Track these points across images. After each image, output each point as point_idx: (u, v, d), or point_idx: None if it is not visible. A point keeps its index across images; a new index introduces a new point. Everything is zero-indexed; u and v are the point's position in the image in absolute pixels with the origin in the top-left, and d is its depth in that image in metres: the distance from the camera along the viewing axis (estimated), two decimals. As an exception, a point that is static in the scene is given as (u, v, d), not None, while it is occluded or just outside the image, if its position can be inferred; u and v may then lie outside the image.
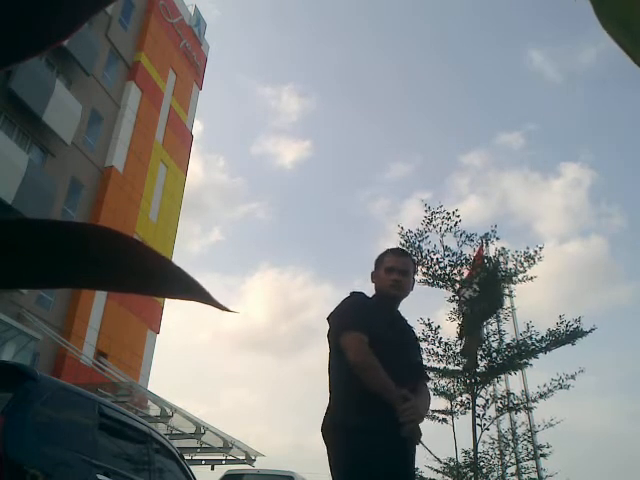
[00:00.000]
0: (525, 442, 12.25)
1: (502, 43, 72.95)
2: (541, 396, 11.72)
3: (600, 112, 65.49)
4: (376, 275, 2.59)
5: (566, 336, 11.06)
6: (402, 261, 2.58)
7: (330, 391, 2.35)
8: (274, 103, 65.43)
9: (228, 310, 0.36)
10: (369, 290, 2.59)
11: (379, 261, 2.61)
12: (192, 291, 0.35)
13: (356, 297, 2.50)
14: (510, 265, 11.74)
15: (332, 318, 2.44)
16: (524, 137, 62.94)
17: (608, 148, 64.28)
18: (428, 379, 2.75)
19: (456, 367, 11.49)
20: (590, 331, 11.12)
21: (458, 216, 11.43)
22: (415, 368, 2.48)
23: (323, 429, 2.29)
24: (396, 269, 2.51)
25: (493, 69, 69.21)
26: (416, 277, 2.74)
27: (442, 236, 11.56)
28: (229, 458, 16.71)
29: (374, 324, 2.32)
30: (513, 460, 12.28)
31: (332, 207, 69.28)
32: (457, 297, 11.70)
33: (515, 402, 11.84)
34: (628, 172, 61.90)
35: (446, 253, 11.57)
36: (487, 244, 11.95)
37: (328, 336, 2.42)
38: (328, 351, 2.41)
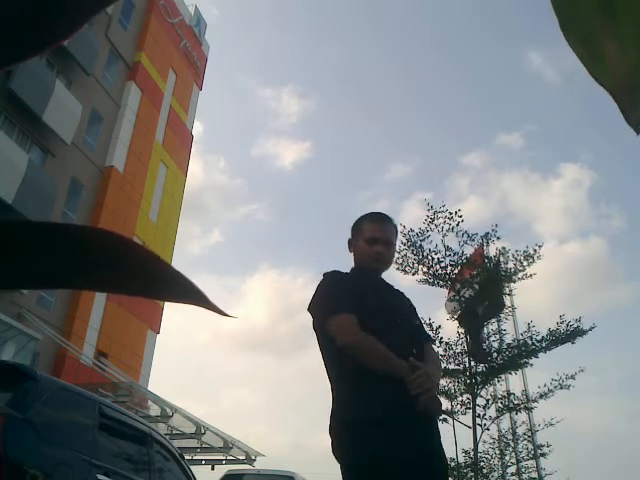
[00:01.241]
0: (525, 442, 12.27)
1: (502, 44, 73.05)
2: (541, 396, 11.73)
3: (599, 113, 65.48)
4: (355, 245, 2.27)
5: (566, 335, 11.08)
6: (384, 229, 2.25)
7: (331, 387, 2.07)
8: (274, 104, 65.51)
9: (226, 315, 0.36)
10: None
11: (357, 229, 2.28)
12: (191, 295, 0.35)
13: (331, 277, 2.22)
14: (510, 265, 11.76)
15: (313, 307, 2.17)
16: (524, 138, 63.02)
17: (608, 149, 64.33)
18: (432, 340, 2.44)
19: (456, 367, 11.49)
20: (590, 329, 11.16)
21: (460, 216, 11.45)
22: (417, 332, 2.21)
23: (329, 430, 2.01)
24: (379, 240, 2.20)
25: (493, 70, 69.29)
26: (397, 243, 2.40)
27: (444, 236, 11.57)
28: (229, 458, 16.69)
29: (360, 299, 2.05)
30: (513, 460, 12.29)
31: (332, 208, 69.34)
32: (458, 297, 11.71)
33: (515, 402, 11.84)
34: (628, 173, 61.96)
35: (447, 253, 11.58)
36: (488, 243, 11.97)
37: (314, 328, 2.16)
38: (318, 345, 2.16)
